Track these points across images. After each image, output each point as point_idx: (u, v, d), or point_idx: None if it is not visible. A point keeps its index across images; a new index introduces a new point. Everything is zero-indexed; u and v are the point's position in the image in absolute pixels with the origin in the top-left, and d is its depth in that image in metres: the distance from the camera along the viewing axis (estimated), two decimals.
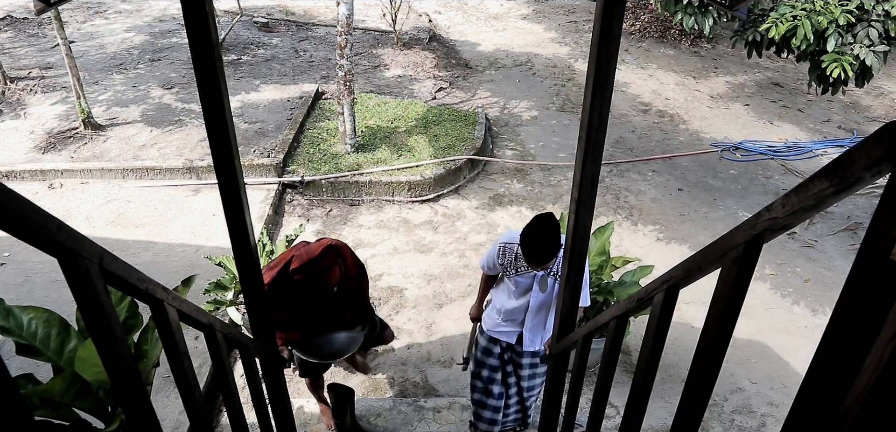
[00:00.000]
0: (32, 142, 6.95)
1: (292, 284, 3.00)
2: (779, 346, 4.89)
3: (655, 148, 7.95)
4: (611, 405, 4.07)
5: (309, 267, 3.02)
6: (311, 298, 3.08)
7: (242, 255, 2.25)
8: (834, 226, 6.54)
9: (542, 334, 3.24)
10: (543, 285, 3.05)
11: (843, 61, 5.16)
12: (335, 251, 3.10)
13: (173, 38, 10.17)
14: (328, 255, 3.06)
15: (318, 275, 3.02)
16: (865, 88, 9.69)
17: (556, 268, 3.03)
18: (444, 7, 13.22)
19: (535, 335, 3.24)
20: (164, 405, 3.86)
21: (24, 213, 1.03)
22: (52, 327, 2.62)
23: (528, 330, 3.21)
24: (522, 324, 3.21)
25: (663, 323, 1.69)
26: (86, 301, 1.28)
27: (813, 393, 0.99)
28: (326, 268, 3.04)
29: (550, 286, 3.07)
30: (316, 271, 3.02)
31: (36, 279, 4.96)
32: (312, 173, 6.53)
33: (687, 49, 11.47)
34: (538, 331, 3.23)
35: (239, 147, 2.30)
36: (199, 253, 5.33)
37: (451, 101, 8.81)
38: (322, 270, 3.03)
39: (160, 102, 7.92)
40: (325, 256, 3.05)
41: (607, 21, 1.83)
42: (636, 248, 5.91)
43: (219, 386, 3.45)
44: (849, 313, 0.89)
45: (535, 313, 3.16)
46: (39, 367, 2.90)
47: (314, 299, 3.09)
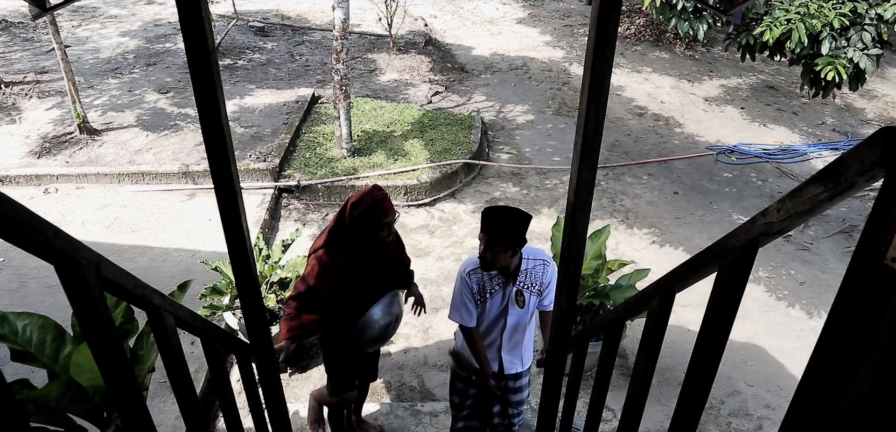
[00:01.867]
0: (28, 146, 6.92)
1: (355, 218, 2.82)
2: (775, 349, 4.91)
3: (651, 151, 7.98)
4: (608, 408, 4.07)
5: (365, 199, 2.83)
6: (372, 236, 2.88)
7: (239, 260, 2.25)
8: (829, 229, 6.57)
9: (521, 353, 3.04)
10: (520, 300, 2.82)
11: (837, 64, 5.19)
12: (379, 187, 2.93)
13: (168, 43, 10.16)
14: (378, 189, 2.90)
15: (376, 206, 2.83)
16: (859, 91, 9.74)
17: (529, 282, 2.82)
18: (440, 11, 13.24)
19: (515, 356, 3.04)
20: (161, 410, 3.84)
21: (20, 219, 1.03)
22: (47, 333, 2.60)
23: (507, 353, 3.01)
24: (500, 349, 2.99)
25: (660, 326, 1.69)
26: (82, 307, 1.28)
27: (809, 396, 0.99)
28: (382, 198, 2.85)
29: (528, 301, 2.85)
30: (372, 202, 2.82)
31: (31, 284, 4.94)
32: (309, 178, 6.52)
33: (682, 53, 11.52)
34: (517, 352, 3.03)
35: (235, 151, 2.27)
36: (196, 257, 5.32)
37: (447, 105, 8.82)
38: (378, 200, 2.83)
39: (156, 107, 7.91)
40: (376, 189, 2.89)
41: (603, 25, 1.83)
42: (632, 251, 5.92)
43: (215, 391, 3.43)
44: (844, 316, 0.89)
45: (512, 334, 2.95)
46: (34, 373, 2.89)
47: (373, 239, 2.90)
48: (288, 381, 4.30)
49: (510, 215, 2.58)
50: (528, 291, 2.84)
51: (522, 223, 2.60)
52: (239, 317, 4.23)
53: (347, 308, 3.04)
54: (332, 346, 3.19)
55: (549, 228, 6.02)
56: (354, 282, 2.98)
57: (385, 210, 2.86)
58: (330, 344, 3.19)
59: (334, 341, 3.16)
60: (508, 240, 2.59)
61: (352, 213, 2.86)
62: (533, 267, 2.81)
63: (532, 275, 2.82)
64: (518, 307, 2.84)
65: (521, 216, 2.59)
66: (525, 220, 2.60)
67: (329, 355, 3.24)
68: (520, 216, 2.59)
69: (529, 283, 2.83)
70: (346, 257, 2.92)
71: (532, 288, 2.84)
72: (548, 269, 2.84)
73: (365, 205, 2.84)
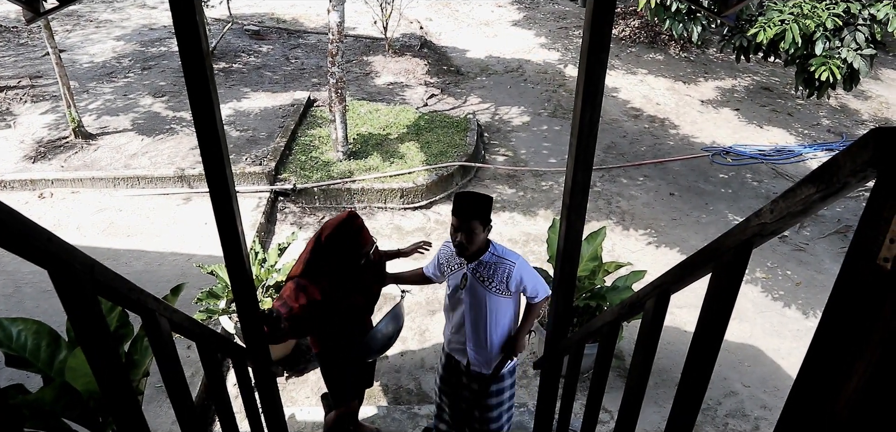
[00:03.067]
0: (22, 151, 6.90)
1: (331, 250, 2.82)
2: (771, 349, 4.92)
3: (646, 153, 8.00)
4: (604, 410, 4.07)
5: (342, 229, 2.82)
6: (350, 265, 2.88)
7: (234, 264, 2.25)
8: (824, 229, 6.59)
9: (487, 355, 2.96)
10: (472, 282, 2.82)
11: (831, 65, 5.21)
12: (356, 216, 2.93)
13: (163, 47, 10.14)
14: (355, 219, 2.89)
15: (352, 237, 2.83)
16: (853, 92, 9.78)
17: (484, 274, 2.80)
18: (436, 14, 13.26)
19: (480, 354, 2.97)
20: (156, 415, 3.83)
21: (15, 224, 1.03)
22: (42, 338, 2.59)
23: (472, 348, 2.97)
24: (482, 343, 2.96)
25: (655, 327, 1.69)
26: (77, 311, 1.27)
27: (804, 396, 1.00)
28: (358, 228, 2.85)
29: (478, 292, 2.82)
30: (348, 232, 2.83)
31: (26, 289, 4.92)
32: (304, 181, 6.52)
33: (677, 54, 11.56)
34: (482, 351, 2.96)
35: (230, 155, 2.25)
36: (191, 261, 5.31)
37: (443, 107, 8.82)
38: (355, 230, 2.84)
39: (151, 111, 7.89)
40: (353, 219, 2.88)
41: (597, 27, 1.84)
42: (628, 253, 5.93)
43: (211, 395, 3.42)
44: (838, 316, 0.90)
45: (474, 327, 2.91)
46: (29, 378, 2.87)
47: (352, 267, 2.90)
48: (284, 385, 4.29)
49: (477, 195, 2.74)
50: (479, 283, 2.81)
51: (489, 201, 2.76)
52: (235, 320, 4.22)
53: (341, 325, 3.03)
54: (332, 360, 3.18)
55: (544, 230, 6.02)
56: (339, 306, 2.95)
57: (362, 241, 2.84)
58: (328, 358, 3.18)
59: (333, 355, 3.15)
60: (482, 216, 2.71)
61: (327, 244, 2.82)
62: (493, 261, 2.80)
63: (487, 269, 2.80)
64: (461, 289, 2.88)
65: (486, 196, 2.77)
66: (490, 200, 2.77)
67: (330, 368, 3.23)
68: (485, 196, 2.76)
69: (483, 275, 2.80)
70: (324, 286, 2.86)
71: (486, 282, 2.80)
72: (512, 269, 2.78)
73: (341, 235, 2.81)
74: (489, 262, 2.81)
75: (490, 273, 2.80)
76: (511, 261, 2.79)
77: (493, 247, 2.84)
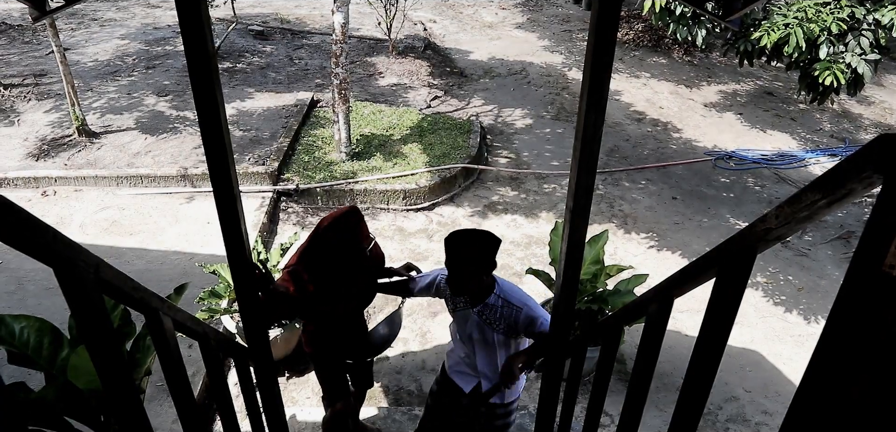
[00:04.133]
0: (26, 149, 6.91)
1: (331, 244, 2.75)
2: (773, 355, 4.91)
3: (650, 156, 7.99)
4: (606, 414, 4.07)
5: (341, 221, 2.76)
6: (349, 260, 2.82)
7: (237, 263, 2.25)
8: (827, 235, 6.58)
9: (515, 386, 2.82)
10: (477, 322, 2.64)
11: (834, 69, 5.20)
12: (356, 210, 2.88)
13: (168, 46, 10.16)
14: (355, 211, 2.83)
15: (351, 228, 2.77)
16: (856, 97, 9.77)
17: (491, 317, 2.62)
18: (439, 16, 13.27)
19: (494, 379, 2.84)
20: (158, 413, 3.83)
21: (18, 222, 1.03)
22: (45, 336, 2.60)
23: (487, 380, 2.85)
24: (491, 374, 2.83)
25: (658, 331, 1.69)
26: (81, 310, 1.27)
27: (808, 402, 0.99)
28: (358, 221, 2.79)
29: (488, 335, 2.66)
30: (346, 225, 2.76)
31: (29, 286, 4.93)
32: (307, 181, 6.52)
33: (680, 58, 11.55)
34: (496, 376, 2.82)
35: (234, 155, 2.25)
36: (194, 260, 5.31)
37: (446, 109, 8.83)
38: (355, 223, 2.78)
39: (154, 110, 7.91)
40: (353, 212, 2.82)
41: (602, 31, 1.84)
42: (631, 257, 5.93)
43: (213, 394, 3.42)
44: (842, 323, 0.90)
45: (486, 362, 2.79)
46: (31, 376, 2.88)
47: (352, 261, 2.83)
48: (285, 385, 4.30)
49: (476, 239, 2.41)
50: (487, 325, 2.65)
51: (488, 245, 2.41)
52: (237, 320, 4.22)
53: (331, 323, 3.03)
54: (323, 358, 3.18)
55: (547, 233, 6.02)
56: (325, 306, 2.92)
57: (361, 234, 2.79)
58: (320, 356, 3.18)
59: (323, 353, 3.15)
60: (481, 264, 2.43)
61: (325, 234, 2.77)
62: (499, 305, 2.60)
63: (493, 312, 2.61)
64: (476, 327, 2.69)
65: (486, 237, 2.41)
66: (491, 243, 2.41)
67: (321, 367, 3.22)
68: (484, 238, 2.41)
69: (490, 319, 2.62)
70: (313, 287, 2.82)
71: (493, 325, 2.64)
72: (518, 316, 2.59)
73: (340, 226, 2.75)
74: (494, 306, 2.61)
75: (496, 316, 2.62)
76: (516, 307, 2.59)
77: (499, 287, 2.63)
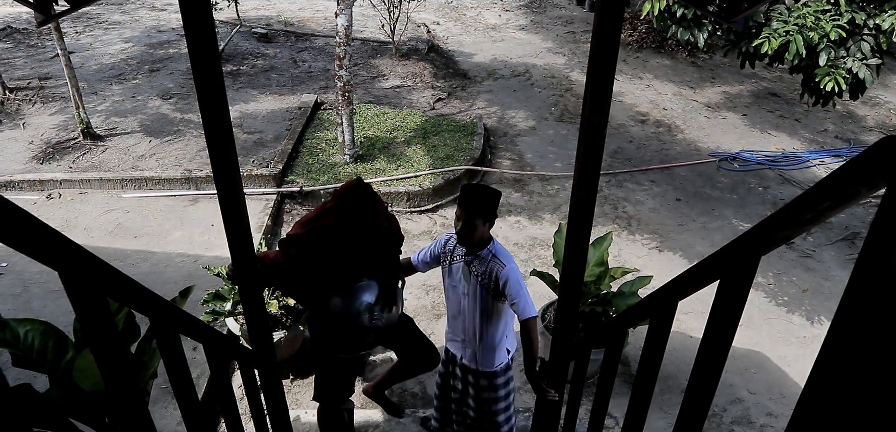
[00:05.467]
0: (31, 152, 6.94)
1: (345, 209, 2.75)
2: (777, 356, 4.89)
3: (653, 158, 7.98)
4: (610, 416, 4.06)
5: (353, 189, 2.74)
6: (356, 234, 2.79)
7: (241, 266, 2.25)
8: (832, 236, 6.56)
9: (474, 348, 3.08)
10: (466, 274, 2.93)
11: (836, 75, 5.18)
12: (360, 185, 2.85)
13: (171, 49, 10.18)
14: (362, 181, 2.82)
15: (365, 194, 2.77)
16: (860, 99, 9.74)
17: (479, 269, 2.89)
18: (443, 18, 13.28)
19: (468, 346, 3.11)
20: (162, 416, 3.84)
21: (23, 225, 1.03)
22: (49, 339, 2.60)
23: (463, 339, 3.11)
24: (470, 337, 3.07)
25: (662, 334, 1.69)
26: (86, 313, 1.28)
27: (813, 404, 0.99)
28: (368, 187, 2.80)
29: (475, 289, 2.92)
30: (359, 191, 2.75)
31: (34, 289, 4.94)
32: (311, 183, 6.53)
33: (684, 59, 11.53)
34: (470, 343, 3.08)
35: (238, 157, 2.24)
36: (198, 263, 5.33)
37: (450, 111, 8.83)
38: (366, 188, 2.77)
39: (159, 113, 7.93)
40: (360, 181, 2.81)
41: (605, 33, 1.84)
42: (635, 258, 5.92)
43: (217, 397, 3.42)
44: (847, 324, 0.89)
45: (466, 318, 3.03)
46: (36, 379, 2.89)
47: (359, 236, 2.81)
48: (289, 387, 4.30)
49: (483, 191, 2.85)
50: (473, 276, 2.92)
51: (496, 197, 2.87)
52: (241, 322, 4.23)
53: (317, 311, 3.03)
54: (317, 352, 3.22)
55: (550, 235, 6.01)
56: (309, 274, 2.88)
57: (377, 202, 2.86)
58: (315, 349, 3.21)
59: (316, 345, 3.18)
60: (485, 213, 2.81)
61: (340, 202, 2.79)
62: (488, 258, 2.89)
63: (482, 263, 2.90)
64: (464, 280, 2.97)
65: (494, 192, 2.88)
66: (497, 196, 2.88)
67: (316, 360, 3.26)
68: (492, 192, 2.88)
69: (477, 270, 2.91)
70: (295, 251, 2.81)
71: (478, 276, 2.91)
72: (500, 270, 2.85)
73: (354, 193, 2.81)
74: (484, 258, 2.90)
75: (483, 268, 2.90)
76: (502, 262, 2.87)
77: (493, 245, 2.93)
